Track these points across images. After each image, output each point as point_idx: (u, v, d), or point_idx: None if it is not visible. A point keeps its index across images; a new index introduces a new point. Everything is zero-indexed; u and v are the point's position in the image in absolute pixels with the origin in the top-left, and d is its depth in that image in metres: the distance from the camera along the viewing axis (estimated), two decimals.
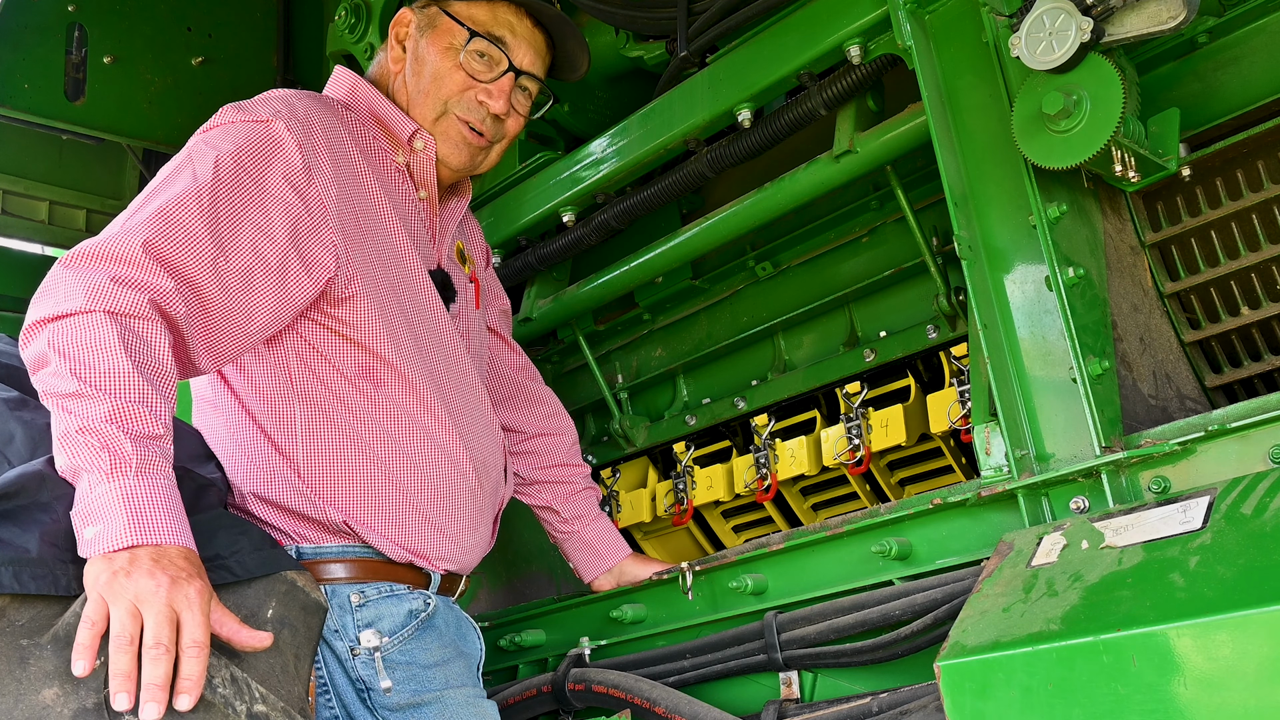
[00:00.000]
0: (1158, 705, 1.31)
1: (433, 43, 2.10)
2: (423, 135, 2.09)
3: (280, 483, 1.93)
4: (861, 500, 2.51)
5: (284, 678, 1.66)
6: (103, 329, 1.61)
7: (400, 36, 2.13)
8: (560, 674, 2.31)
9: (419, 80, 2.09)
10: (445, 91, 2.09)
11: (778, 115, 2.35)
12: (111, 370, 1.59)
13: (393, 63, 2.13)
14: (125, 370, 1.59)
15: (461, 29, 2.08)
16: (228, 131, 1.89)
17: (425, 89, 2.09)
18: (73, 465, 1.57)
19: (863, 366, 2.49)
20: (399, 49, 2.13)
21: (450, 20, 2.10)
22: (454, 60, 2.09)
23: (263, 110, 1.91)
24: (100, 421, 1.55)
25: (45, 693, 1.46)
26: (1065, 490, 1.77)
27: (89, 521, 1.53)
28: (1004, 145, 1.89)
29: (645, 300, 2.85)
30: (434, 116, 2.10)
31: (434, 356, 2.04)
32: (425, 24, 2.12)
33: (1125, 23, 1.71)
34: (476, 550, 2.10)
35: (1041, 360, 1.84)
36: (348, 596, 1.91)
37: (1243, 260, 1.94)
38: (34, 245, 4.09)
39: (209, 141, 1.87)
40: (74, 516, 1.56)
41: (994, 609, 1.54)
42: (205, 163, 1.82)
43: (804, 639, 2.02)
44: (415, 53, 2.11)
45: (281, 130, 1.89)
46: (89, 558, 1.52)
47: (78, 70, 3.49)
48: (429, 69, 2.09)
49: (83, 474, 1.56)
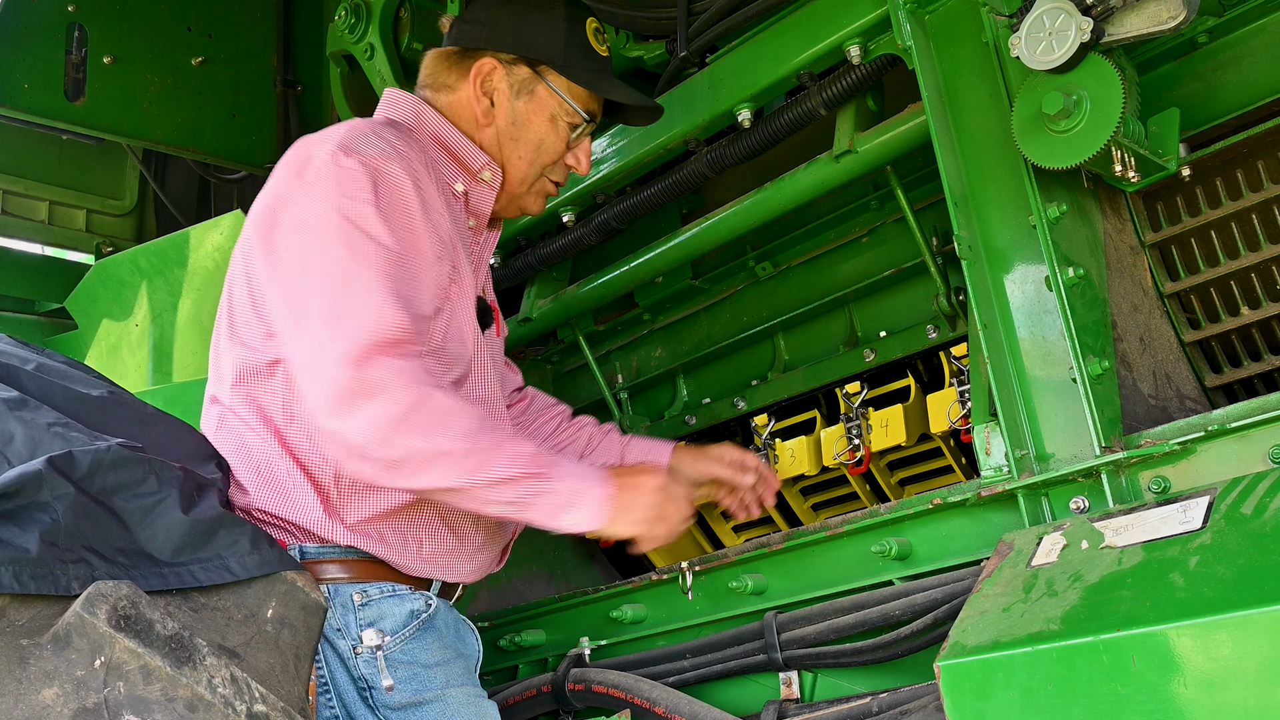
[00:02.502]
0: (1158, 705, 1.31)
1: (534, 110, 2.15)
2: (492, 167, 2.15)
3: (299, 500, 1.93)
4: (861, 500, 2.51)
5: (284, 677, 1.66)
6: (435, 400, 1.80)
7: (488, 91, 2.14)
8: (560, 674, 2.31)
9: (517, 145, 2.15)
10: (546, 158, 2.17)
11: (778, 115, 2.35)
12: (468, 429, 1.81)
13: (480, 115, 2.14)
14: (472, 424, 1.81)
15: (568, 107, 2.15)
16: (356, 180, 1.89)
17: (525, 155, 2.16)
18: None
19: (863, 366, 2.50)
20: (486, 101, 2.14)
21: (552, 93, 2.14)
22: (555, 131, 2.16)
23: (370, 150, 1.93)
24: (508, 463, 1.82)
25: (45, 693, 1.46)
26: (1065, 490, 1.77)
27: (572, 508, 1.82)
28: (1004, 145, 1.89)
29: (645, 300, 2.86)
30: (533, 178, 2.18)
31: (474, 383, 2.09)
32: (521, 88, 2.14)
33: (1125, 23, 1.71)
34: (482, 570, 2.12)
35: (1041, 360, 1.84)
36: (350, 596, 1.92)
37: (1243, 260, 1.94)
38: (34, 245, 4.09)
39: (345, 194, 1.87)
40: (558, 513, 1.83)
41: (994, 609, 1.54)
42: (357, 233, 1.85)
43: (804, 639, 2.02)
44: (512, 114, 2.14)
45: (397, 170, 1.93)
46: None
47: (78, 70, 3.49)
48: (531, 135, 2.15)
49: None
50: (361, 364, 1.77)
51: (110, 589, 1.55)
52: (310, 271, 1.86)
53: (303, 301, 1.85)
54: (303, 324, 1.84)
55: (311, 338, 1.82)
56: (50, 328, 3.86)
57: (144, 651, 1.53)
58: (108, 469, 1.65)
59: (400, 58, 3.05)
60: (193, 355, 3.20)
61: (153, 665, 1.54)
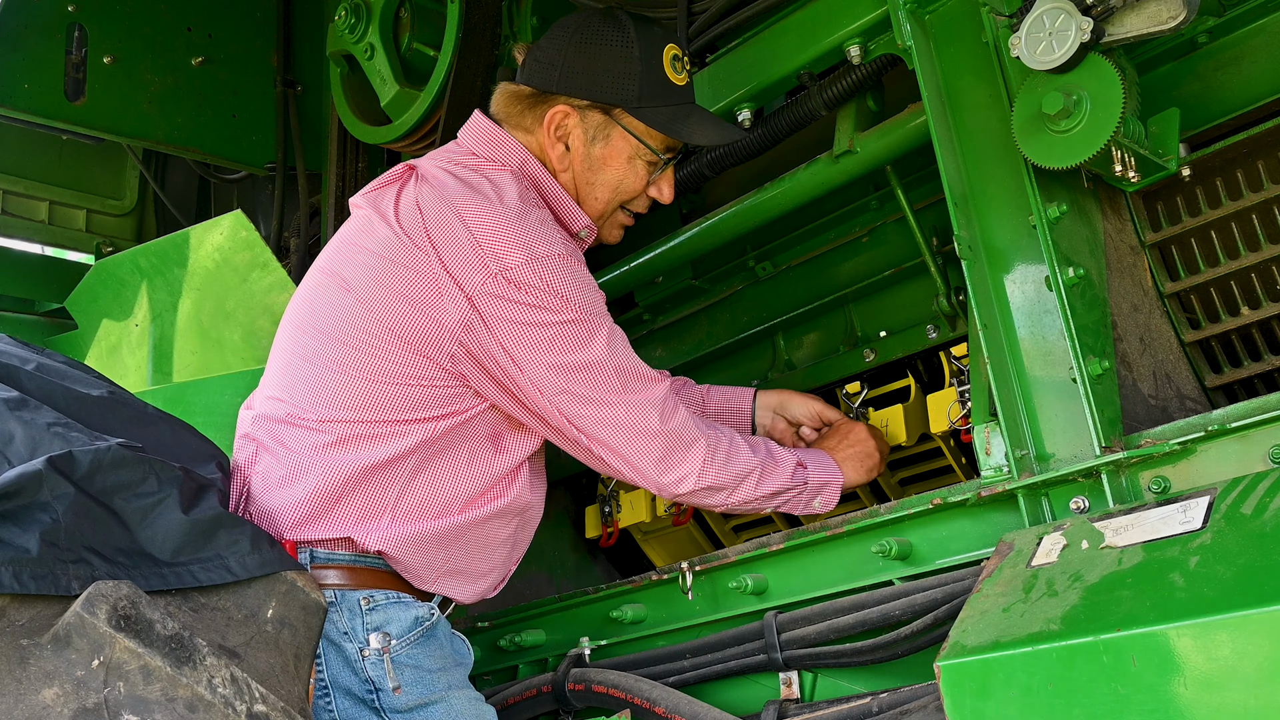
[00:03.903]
0: (1158, 705, 1.31)
1: (611, 155, 2.16)
2: (591, 229, 2.19)
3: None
4: (862, 500, 2.51)
5: (284, 677, 1.66)
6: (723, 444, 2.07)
7: (563, 137, 2.15)
8: (560, 674, 2.31)
9: (593, 188, 2.18)
10: (625, 196, 2.20)
11: (778, 115, 2.35)
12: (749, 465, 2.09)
13: (556, 161, 2.16)
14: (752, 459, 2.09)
15: (644, 148, 2.15)
16: (560, 276, 1.97)
17: (602, 196, 2.18)
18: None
19: (863, 366, 2.50)
20: (561, 148, 2.15)
21: (627, 136, 2.14)
22: (634, 171, 2.17)
23: (551, 247, 1.98)
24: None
25: (45, 693, 1.47)
26: (1065, 490, 1.77)
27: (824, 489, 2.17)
28: (1004, 145, 1.89)
29: (645, 300, 2.86)
30: (609, 214, 2.21)
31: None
32: (596, 134, 2.14)
33: (1125, 23, 1.71)
34: (481, 593, 2.15)
35: (1041, 360, 1.84)
36: (357, 601, 1.94)
37: (1243, 260, 1.94)
38: (34, 245, 4.09)
39: (565, 295, 1.97)
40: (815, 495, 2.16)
41: (994, 609, 1.54)
42: (587, 328, 1.99)
43: (804, 639, 2.02)
44: (588, 162, 2.15)
45: (571, 256, 2.01)
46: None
47: (78, 70, 3.49)
48: (609, 178, 2.17)
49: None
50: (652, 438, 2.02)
51: (110, 589, 1.55)
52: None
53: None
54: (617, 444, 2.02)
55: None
56: (50, 328, 3.86)
57: (144, 651, 1.54)
58: (108, 469, 1.65)
59: (400, 58, 3.05)
60: (193, 355, 3.20)
61: (153, 665, 1.54)
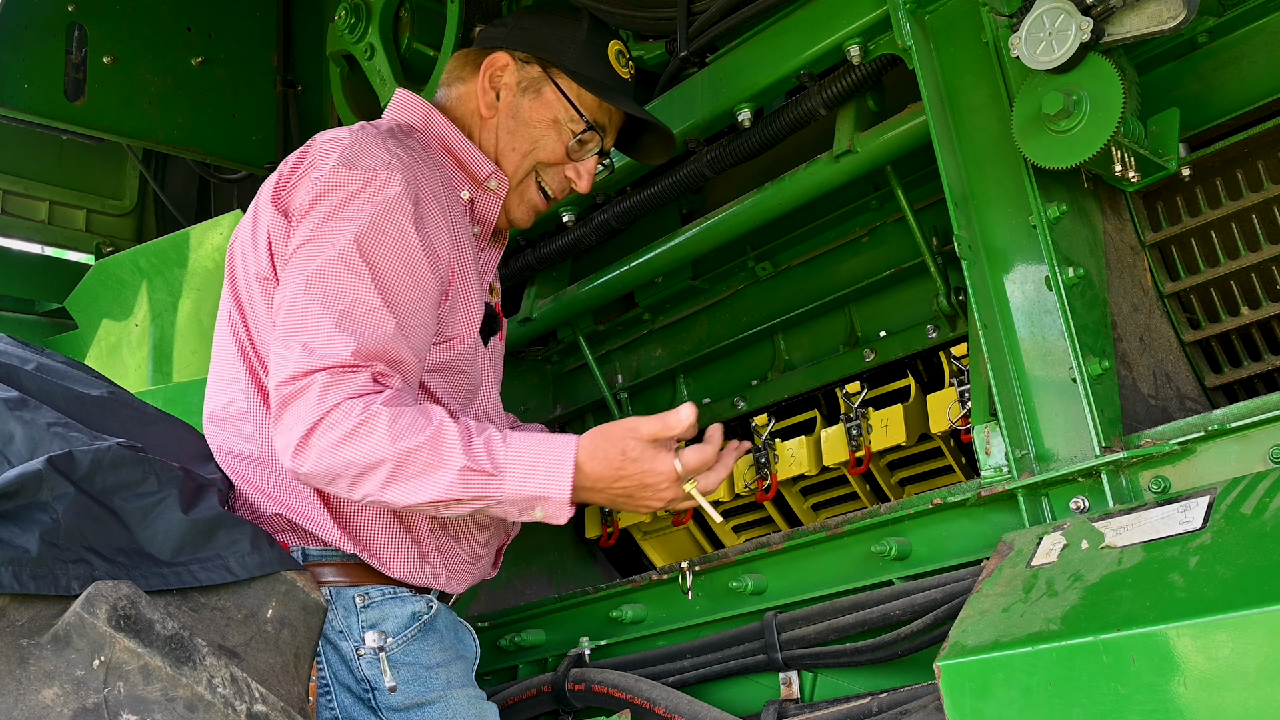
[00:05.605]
0: (1158, 705, 1.31)
1: (537, 110, 2.13)
2: (498, 176, 2.13)
3: (301, 502, 1.95)
4: (861, 500, 2.51)
5: (284, 677, 1.66)
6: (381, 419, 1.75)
7: (496, 84, 2.14)
8: (560, 674, 2.31)
9: (514, 138, 2.13)
10: (541, 158, 2.15)
11: (778, 115, 2.35)
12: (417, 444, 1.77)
13: (484, 108, 2.13)
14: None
15: (572, 111, 2.12)
16: (354, 197, 1.88)
17: (520, 148, 2.13)
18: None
19: (863, 366, 2.49)
20: (492, 95, 2.13)
21: (559, 95, 2.12)
22: (557, 135, 2.14)
23: (372, 163, 1.91)
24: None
25: (45, 693, 1.46)
26: (1065, 490, 1.77)
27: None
28: (1004, 145, 1.89)
29: (645, 300, 2.85)
30: (520, 176, 2.15)
31: (478, 392, 2.10)
32: (529, 86, 2.13)
33: (1125, 23, 1.71)
34: (472, 578, 2.13)
35: (1041, 360, 1.83)
36: (352, 598, 1.93)
37: (1243, 260, 1.94)
38: (34, 245, 4.09)
39: (343, 215, 1.86)
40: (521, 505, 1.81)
41: (994, 609, 1.54)
42: (351, 249, 1.84)
43: (804, 639, 2.02)
44: (515, 110, 2.13)
45: (398, 182, 1.90)
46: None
47: (78, 70, 3.49)
48: (530, 132, 2.13)
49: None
50: (302, 390, 1.78)
51: (110, 589, 1.55)
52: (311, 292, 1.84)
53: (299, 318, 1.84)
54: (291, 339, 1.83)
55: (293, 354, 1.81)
56: (50, 328, 3.86)
57: (144, 651, 1.54)
58: (108, 469, 1.65)
59: (400, 58, 3.05)
60: (193, 355, 3.20)
61: (153, 665, 1.54)
